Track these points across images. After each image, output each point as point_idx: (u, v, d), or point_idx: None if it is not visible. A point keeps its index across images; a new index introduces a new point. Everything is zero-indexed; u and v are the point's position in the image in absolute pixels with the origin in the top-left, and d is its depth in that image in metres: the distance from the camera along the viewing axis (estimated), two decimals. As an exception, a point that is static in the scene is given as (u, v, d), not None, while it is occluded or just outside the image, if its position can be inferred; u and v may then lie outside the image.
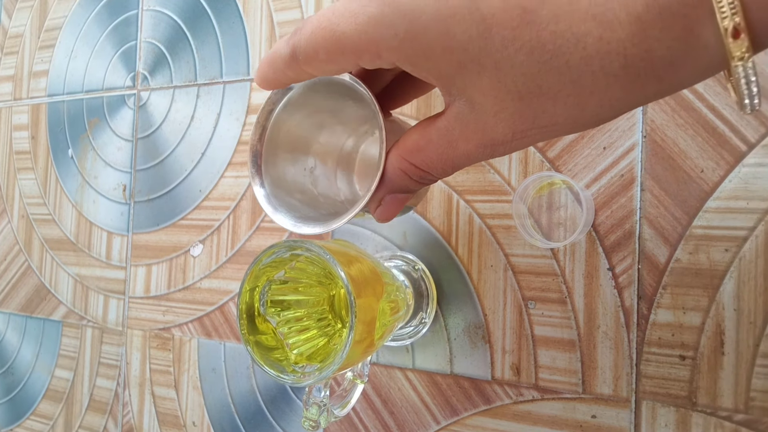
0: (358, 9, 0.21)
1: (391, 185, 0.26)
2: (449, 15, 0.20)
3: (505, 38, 0.19)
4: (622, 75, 0.19)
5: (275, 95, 0.35)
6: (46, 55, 0.69)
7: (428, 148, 0.24)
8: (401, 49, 0.21)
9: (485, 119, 0.22)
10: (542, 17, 0.19)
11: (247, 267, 0.33)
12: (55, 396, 0.64)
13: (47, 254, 0.66)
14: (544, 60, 0.19)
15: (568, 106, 0.20)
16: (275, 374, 0.31)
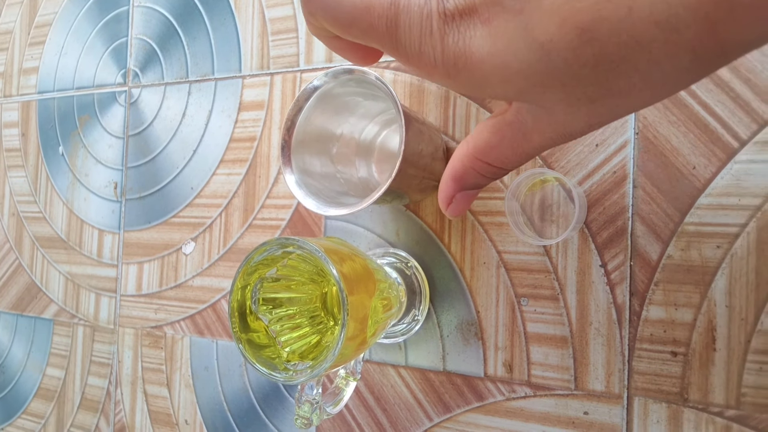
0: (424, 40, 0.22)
1: (464, 183, 0.27)
2: (504, 47, 0.20)
3: (567, 59, 0.19)
4: (693, 67, 0.18)
5: (304, 93, 0.39)
6: (36, 52, 0.68)
7: (502, 145, 0.24)
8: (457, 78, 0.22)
9: (560, 119, 0.22)
10: (602, 33, 0.18)
11: (239, 265, 0.33)
12: (47, 395, 0.64)
13: (38, 252, 0.66)
14: (611, 68, 0.19)
15: (642, 97, 0.20)
16: (267, 372, 0.31)
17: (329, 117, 0.42)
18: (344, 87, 0.40)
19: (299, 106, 0.40)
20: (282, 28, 0.52)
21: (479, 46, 0.20)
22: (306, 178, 0.41)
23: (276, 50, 0.52)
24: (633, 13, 0.18)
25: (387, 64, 0.47)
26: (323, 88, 0.40)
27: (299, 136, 0.41)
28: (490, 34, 0.20)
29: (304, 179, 0.40)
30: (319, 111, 0.41)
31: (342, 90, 0.40)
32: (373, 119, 0.45)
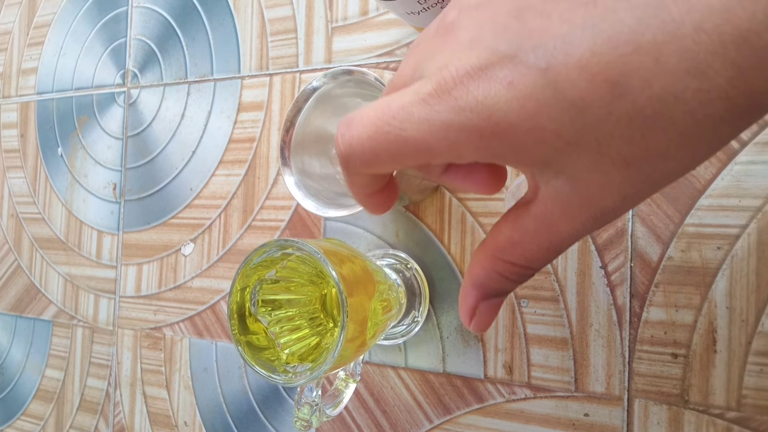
0: (431, 115, 0.20)
1: (487, 290, 0.24)
2: (535, 110, 0.19)
3: (599, 116, 0.18)
4: (728, 116, 0.18)
5: (303, 94, 0.38)
6: (35, 53, 0.68)
7: (525, 240, 0.22)
8: (488, 148, 0.20)
9: (590, 193, 0.20)
10: (633, 86, 0.18)
11: (238, 266, 0.33)
12: (46, 396, 0.64)
13: (37, 253, 0.65)
14: (646, 125, 0.18)
15: (679, 157, 0.19)
16: (266, 374, 0.31)
17: (328, 118, 0.42)
18: (343, 88, 0.40)
19: (298, 107, 0.40)
20: (281, 28, 0.52)
21: (506, 111, 0.19)
22: (305, 179, 0.41)
23: (275, 51, 0.52)
24: (661, 63, 0.17)
25: (387, 65, 0.47)
26: (322, 89, 0.40)
27: (298, 138, 0.41)
28: (517, 97, 0.19)
29: (303, 180, 0.40)
30: (318, 112, 0.41)
31: (341, 91, 0.40)
32: None
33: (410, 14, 0.38)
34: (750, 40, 0.16)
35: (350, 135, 0.22)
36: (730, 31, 0.16)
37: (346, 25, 0.49)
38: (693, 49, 0.17)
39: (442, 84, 0.20)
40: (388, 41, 0.47)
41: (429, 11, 0.37)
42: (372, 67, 0.47)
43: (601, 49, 0.18)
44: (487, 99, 0.19)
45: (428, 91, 0.20)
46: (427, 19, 0.38)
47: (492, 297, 0.24)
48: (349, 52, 0.48)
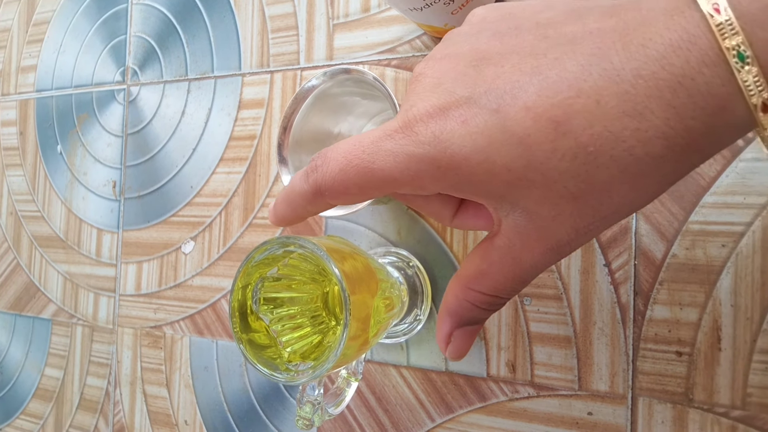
0: (396, 149, 0.22)
1: (460, 318, 0.26)
2: (486, 145, 0.21)
3: (545, 151, 0.20)
4: (668, 154, 0.19)
5: (302, 92, 0.38)
6: (35, 50, 0.68)
7: (492, 271, 0.24)
8: (445, 179, 0.22)
9: (545, 225, 0.22)
10: (575, 125, 0.19)
11: (240, 264, 0.33)
12: (45, 395, 0.63)
13: (36, 252, 0.65)
14: (588, 161, 0.20)
15: (624, 193, 0.20)
16: (268, 372, 0.30)
17: (327, 116, 0.42)
18: (342, 87, 0.39)
19: (296, 105, 0.40)
20: (282, 25, 0.51)
21: (460, 145, 0.21)
22: None
23: (276, 48, 0.51)
24: (601, 105, 0.19)
25: (388, 62, 0.46)
26: (321, 88, 0.39)
27: (296, 136, 0.40)
28: (470, 133, 0.21)
29: None
30: (316, 110, 0.41)
31: (340, 89, 0.40)
32: (371, 119, 0.45)
33: (413, 11, 0.37)
34: (684, 84, 0.18)
35: (323, 169, 0.24)
36: (666, 77, 0.18)
37: (347, 22, 0.48)
38: (631, 93, 0.19)
39: (406, 121, 0.22)
40: (390, 38, 0.47)
41: (432, 7, 0.37)
42: (374, 65, 0.47)
43: (547, 93, 0.20)
44: (443, 134, 0.21)
45: (395, 128, 0.22)
46: (431, 15, 0.38)
47: (466, 325, 0.26)
48: (351, 49, 0.48)
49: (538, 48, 0.21)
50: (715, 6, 0.17)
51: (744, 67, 0.17)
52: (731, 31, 0.17)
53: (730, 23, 0.17)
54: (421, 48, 0.45)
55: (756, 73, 0.17)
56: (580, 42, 0.20)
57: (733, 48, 0.17)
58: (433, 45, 0.45)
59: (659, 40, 0.18)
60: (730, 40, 0.17)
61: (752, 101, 0.18)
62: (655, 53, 0.18)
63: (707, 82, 0.18)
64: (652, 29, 0.19)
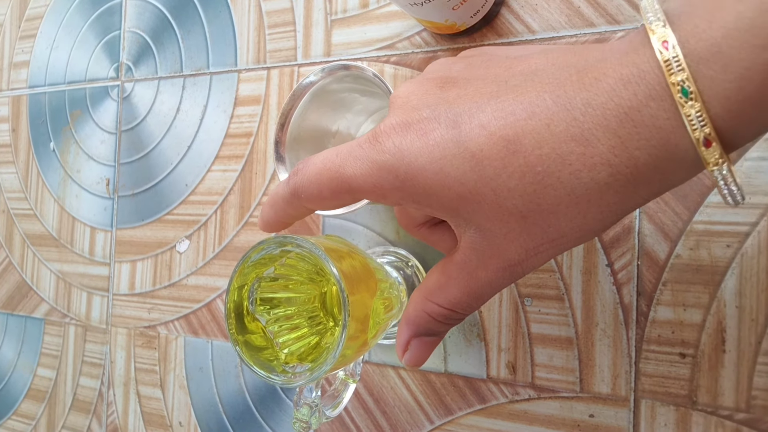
0: (362, 155, 0.24)
1: (418, 328, 0.27)
2: (440, 157, 0.22)
3: (496, 168, 0.21)
4: (612, 182, 0.20)
5: (299, 89, 0.38)
6: (27, 46, 0.67)
7: (449, 285, 0.25)
8: (403, 189, 0.23)
9: (497, 242, 0.23)
10: (526, 145, 0.21)
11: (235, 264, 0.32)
12: (38, 395, 0.63)
13: (29, 250, 0.64)
14: (536, 181, 0.21)
15: (570, 217, 0.21)
16: (265, 375, 0.30)
17: (325, 113, 0.41)
18: (341, 83, 0.39)
19: (294, 102, 0.39)
20: (279, 21, 0.51)
21: (417, 156, 0.22)
22: None
23: (273, 44, 0.51)
24: (551, 128, 0.20)
25: (387, 58, 0.46)
26: (319, 84, 0.39)
27: (294, 133, 0.40)
28: (427, 145, 0.22)
29: None
30: (314, 107, 0.40)
31: (338, 86, 0.39)
32: (370, 116, 0.44)
33: (414, 6, 0.37)
34: (631, 116, 0.19)
35: (302, 171, 0.26)
36: (613, 108, 0.19)
37: (345, 18, 0.48)
38: (580, 120, 0.20)
39: (374, 133, 0.24)
40: (389, 34, 0.46)
41: (433, 2, 0.36)
42: (372, 61, 0.46)
43: (501, 114, 0.21)
44: (403, 145, 0.23)
45: (366, 139, 0.24)
46: (431, 11, 0.37)
47: (423, 335, 0.27)
48: (349, 45, 0.47)
49: (501, 77, 0.23)
50: (665, 43, 0.19)
51: (687, 102, 0.18)
52: (677, 67, 0.18)
53: (677, 60, 0.18)
54: (421, 44, 0.44)
55: (699, 108, 0.18)
56: (540, 74, 0.22)
57: (678, 83, 0.18)
58: (433, 41, 0.44)
59: (612, 74, 0.20)
60: (675, 75, 0.18)
61: (694, 135, 0.18)
62: (607, 86, 0.20)
63: (652, 115, 0.19)
64: (608, 65, 0.20)
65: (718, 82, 0.18)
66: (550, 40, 0.40)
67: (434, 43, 0.44)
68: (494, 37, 0.42)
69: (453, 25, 0.39)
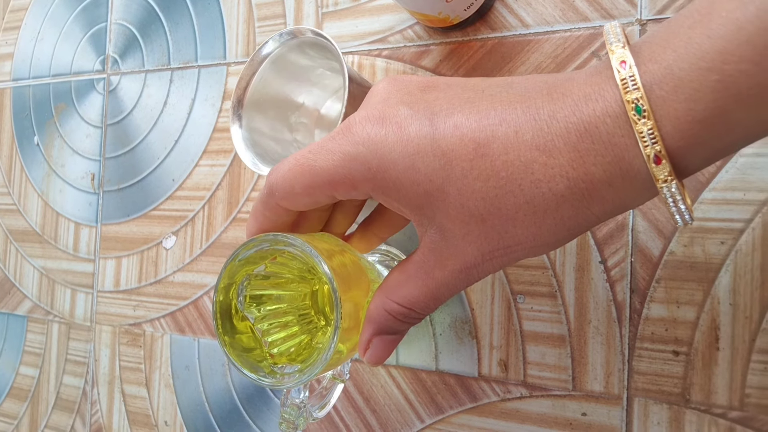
0: (334, 147, 0.24)
1: (377, 327, 0.27)
2: (414, 152, 0.23)
3: (464, 169, 0.22)
4: (569, 195, 0.21)
5: (257, 56, 0.38)
6: (11, 38, 0.66)
7: (408, 283, 0.26)
8: (374, 181, 0.24)
9: (455, 243, 0.24)
10: (493, 149, 0.22)
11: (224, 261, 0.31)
12: (20, 394, 0.61)
13: (11, 246, 0.63)
14: (499, 185, 0.22)
15: (527, 225, 0.22)
16: (255, 377, 0.29)
17: (288, 82, 0.41)
18: (302, 54, 0.39)
19: (254, 67, 0.39)
20: (269, 13, 0.50)
21: (390, 149, 0.23)
22: (255, 136, 0.40)
23: (262, 36, 0.50)
24: (519, 135, 0.21)
25: (379, 52, 0.45)
26: (276, 52, 0.39)
27: (254, 97, 0.40)
28: (401, 140, 0.23)
29: (252, 137, 0.40)
30: (275, 75, 0.40)
31: (302, 58, 0.40)
32: (335, 93, 0.44)
33: (406, -4, 0.36)
34: (590, 131, 0.20)
35: (277, 169, 0.27)
36: (575, 122, 0.21)
37: (337, 11, 0.47)
38: (545, 130, 0.21)
39: (347, 124, 0.24)
40: (381, 28, 0.45)
41: (426, -7, 0.35)
42: (364, 55, 0.46)
43: (474, 118, 0.22)
44: (377, 136, 0.23)
45: (338, 131, 0.25)
46: (425, 3, 0.37)
47: (384, 333, 0.27)
48: (340, 38, 0.47)
49: (479, 86, 0.24)
50: (623, 63, 0.20)
51: (641, 119, 0.19)
52: (633, 86, 0.19)
53: (633, 78, 0.20)
54: (413, 38, 0.44)
55: (651, 126, 0.19)
56: (515, 86, 0.23)
57: (632, 101, 0.19)
58: (426, 35, 0.43)
59: (577, 92, 0.21)
60: (630, 93, 0.19)
61: (645, 151, 0.19)
62: (571, 101, 0.21)
63: (609, 131, 0.20)
64: (575, 83, 0.21)
65: (669, 102, 0.19)
66: (544, 35, 0.40)
67: (427, 37, 0.43)
68: (487, 31, 0.41)
69: (446, 18, 0.39)
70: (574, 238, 0.23)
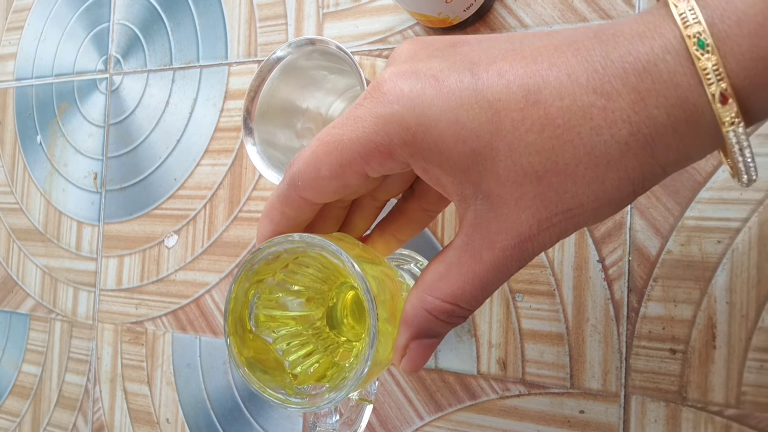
0: (363, 113, 0.21)
1: (415, 330, 0.24)
2: (457, 105, 0.20)
3: (514, 119, 0.20)
4: (632, 142, 0.19)
5: (267, 64, 0.37)
6: (14, 38, 0.66)
7: (450, 274, 0.22)
8: (414, 143, 0.21)
9: (506, 212, 0.21)
10: (546, 95, 0.19)
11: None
12: (23, 392, 0.62)
13: (14, 245, 0.63)
14: (555, 135, 0.19)
15: (588, 181, 0.20)
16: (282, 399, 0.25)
17: (294, 90, 0.41)
18: (309, 60, 0.39)
19: (262, 76, 0.39)
20: (270, 14, 0.50)
21: (430, 104, 0.20)
22: (269, 149, 0.40)
23: (264, 37, 0.50)
24: (572, 79, 0.19)
25: (380, 52, 0.45)
26: (287, 59, 0.38)
27: (263, 107, 0.39)
28: (441, 93, 0.20)
29: (266, 150, 0.39)
30: (283, 83, 0.40)
31: (308, 63, 0.39)
32: (340, 95, 0.44)
33: (406, -3, 0.36)
34: (649, 70, 0.18)
35: (296, 160, 0.24)
36: (632, 61, 0.19)
37: (338, 11, 0.47)
38: (600, 72, 0.19)
39: (375, 85, 0.22)
40: (381, 28, 0.46)
41: (426, -6, 0.36)
42: (364, 55, 0.46)
43: (520, 64, 0.20)
44: (413, 91, 0.21)
45: (365, 95, 0.22)
46: (425, 4, 0.37)
47: (423, 337, 0.24)
48: (341, 38, 0.47)
49: (514, 38, 0.22)
50: None
51: (704, 54, 0.18)
52: (693, 20, 0.18)
53: (693, 13, 0.18)
54: (413, 38, 0.44)
55: (715, 62, 0.17)
56: (556, 36, 0.21)
57: (694, 35, 0.18)
58: (426, 36, 0.44)
59: (628, 31, 0.19)
60: (691, 28, 0.18)
61: (710, 90, 0.18)
62: (624, 41, 0.19)
63: (670, 70, 0.18)
64: (624, 24, 0.20)
65: (732, 37, 0.18)
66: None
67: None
68: (487, 32, 0.42)
69: (446, 18, 0.39)
70: (635, 197, 0.21)
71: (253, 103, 0.39)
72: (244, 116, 0.39)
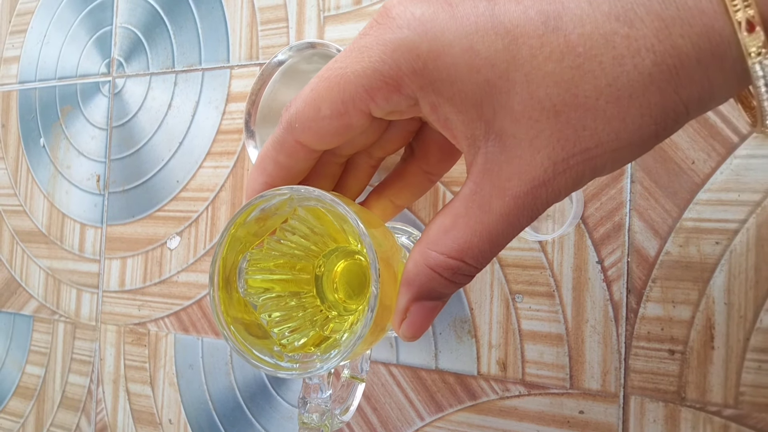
0: (369, 42, 0.20)
1: (417, 290, 0.22)
2: (472, 31, 0.19)
3: (532, 47, 0.18)
4: (656, 73, 0.18)
5: (268, 67, 0.38)
6: (18, 41, 0.67)
7: (456, 226, 0.20)
8: (424, 73, 0.19)
9: (520, 154, 0.19)
10: (566, 22, 0.18)
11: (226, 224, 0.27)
12: (26, 393, 0.62)
13: (18, 246, 0.64)
14: (576, 65, 0.18)
15: (609, 117, 0.18)
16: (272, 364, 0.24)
17: (295, 93, 0.40)
18: (310, 63, 0.39)
19: (264, 79, 0.39)
20: (272, 17, 0.50)
21: (443, 29, 0.19)
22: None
23: (265, 40, 0.51)
24: (593, 5, 0.18)
25: (380, 55, 0.46)
26: (288, 63, 0.39)
27: (264, 111, 0.40)
28: (455, 17, 0.19)
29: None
30: (284, 86, 0.40)
31: (309, 66, 0.39)
32: None
33: None
34: None
35: (296, 99, 0.22)
36: None
37: (339, 14, 0.48)
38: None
39: (383, 11, 0.20)
40: (382, 31, 0.46)
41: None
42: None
43: None
44: (425, 16, 0.19)
45: (371, 22, 0.20)
46: None
47: (426, 299, 0.22)
48: (342, 42, 0.47)
49: None
50: None
51: None
52: None
53: None
54: (413, 41, 0.44)
55: None
56: None
57: None
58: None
59: None
60: None
61: (737, 17, 0.16)
62: None
63: None
64: None
65: None
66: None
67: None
68: None
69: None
70: (657, 142, 0.19)
71: (255, 106, 0.39)
72: (246, 119, 0.39)
